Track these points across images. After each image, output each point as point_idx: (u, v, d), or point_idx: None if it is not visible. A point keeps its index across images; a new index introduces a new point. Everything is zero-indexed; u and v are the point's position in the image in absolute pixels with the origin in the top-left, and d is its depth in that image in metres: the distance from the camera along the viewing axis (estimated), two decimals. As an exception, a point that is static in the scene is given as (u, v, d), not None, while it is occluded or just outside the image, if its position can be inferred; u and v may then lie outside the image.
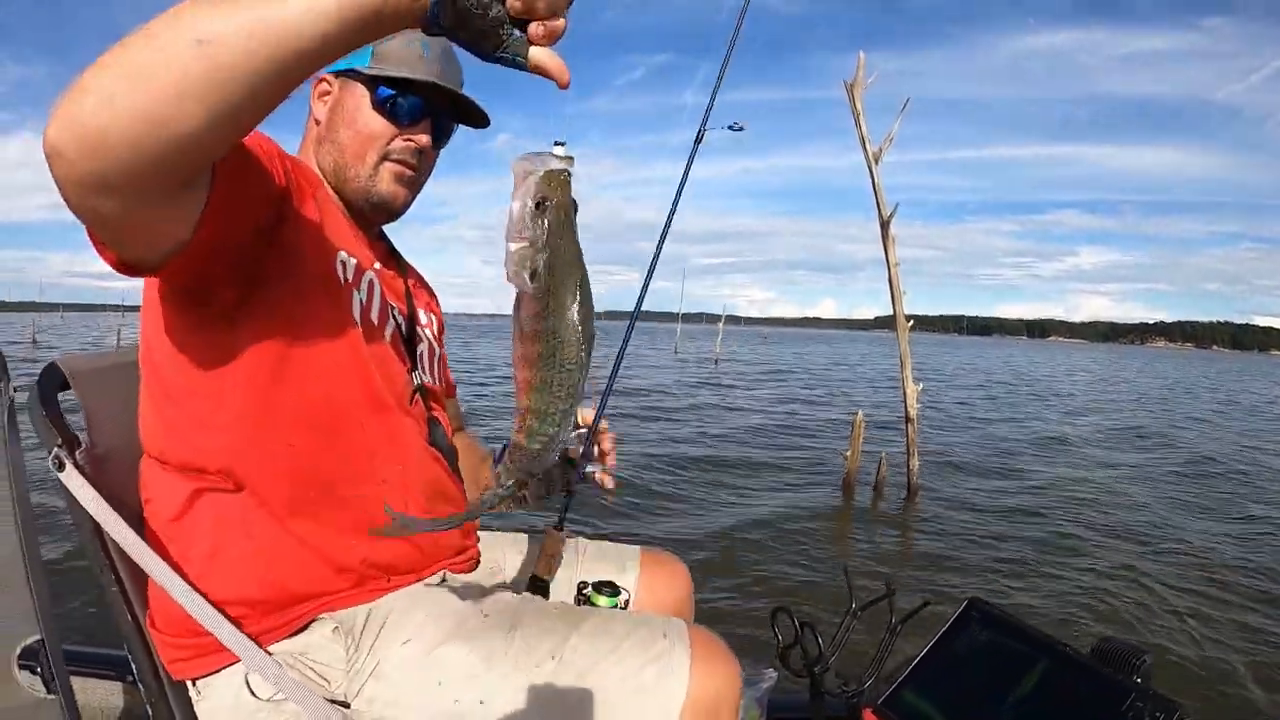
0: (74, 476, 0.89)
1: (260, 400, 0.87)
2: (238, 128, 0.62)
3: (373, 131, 1.02)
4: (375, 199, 1.04)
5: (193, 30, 0.55)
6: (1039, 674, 1.23)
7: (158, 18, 0.56)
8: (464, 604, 0.96)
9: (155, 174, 0.60)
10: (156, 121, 0.56)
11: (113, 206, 0.62)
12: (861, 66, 6.49)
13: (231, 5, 0.55)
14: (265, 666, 0.84)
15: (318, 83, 1.05)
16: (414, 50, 1.02)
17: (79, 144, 0.56)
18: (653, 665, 0.87)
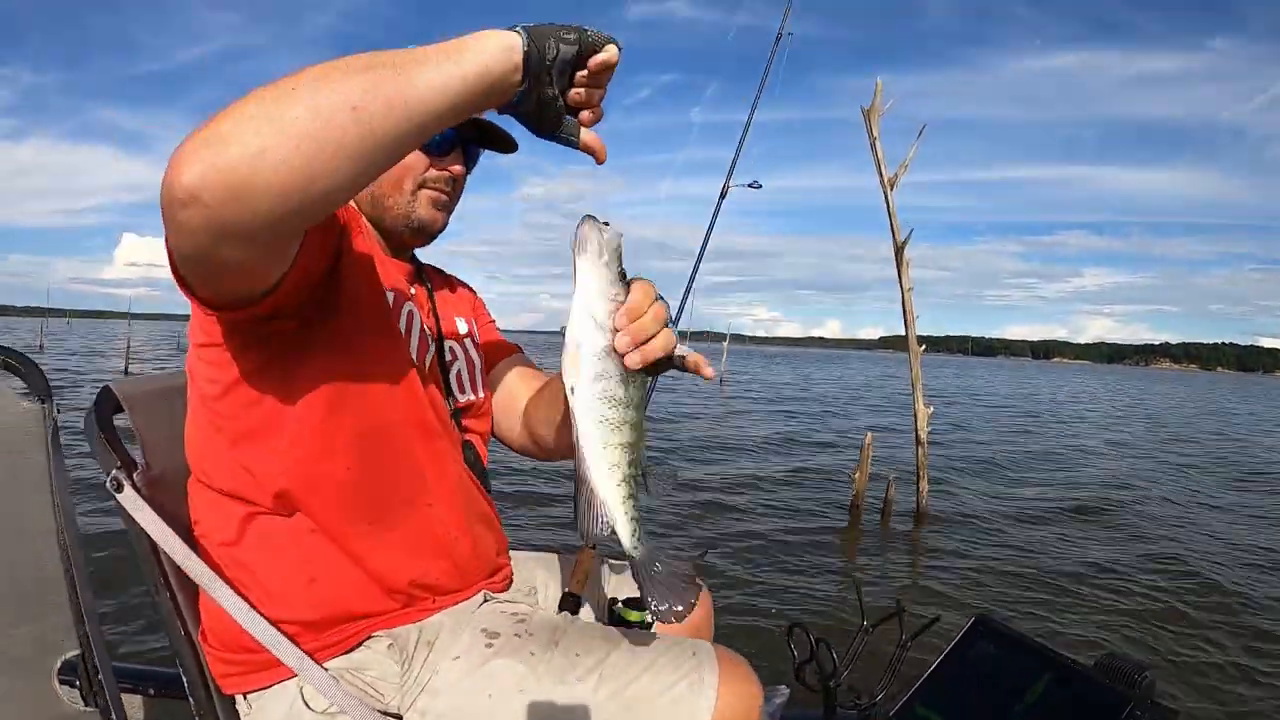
0: (132, 498, 0.93)
1: (316, 429, 0.90)
2: (372, 180, 0.69)
3: (409, 162, 1.03)
4: (415, 224, 1.07)
5: (347, 98, 0.61)
6: (1043, 687, 1.27)
7: (300, 79, 0.61)
8: (508, 621, 1.00)
9: (292, 223, 0.66)
10: (309, 177, 0.61)
11: (238, 254, 0.67)
12: (879, 93, 6.53)
13: (377, 75, 0.63)
14: (322, 681, 0.88)
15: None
16: None
17: (224, 191, 0.59)
18: (684, 682, 0.91)
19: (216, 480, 0.94)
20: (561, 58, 0.72)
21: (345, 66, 0.63)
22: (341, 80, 0.62)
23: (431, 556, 1.01)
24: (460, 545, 1.04)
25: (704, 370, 0.83)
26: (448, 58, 0.66)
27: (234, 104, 0.61)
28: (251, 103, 0.61)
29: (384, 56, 0.65)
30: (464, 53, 0.67)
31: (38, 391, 1.04)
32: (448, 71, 0.66)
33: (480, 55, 0.67)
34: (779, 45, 1.59)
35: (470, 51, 0.67)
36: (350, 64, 0.63)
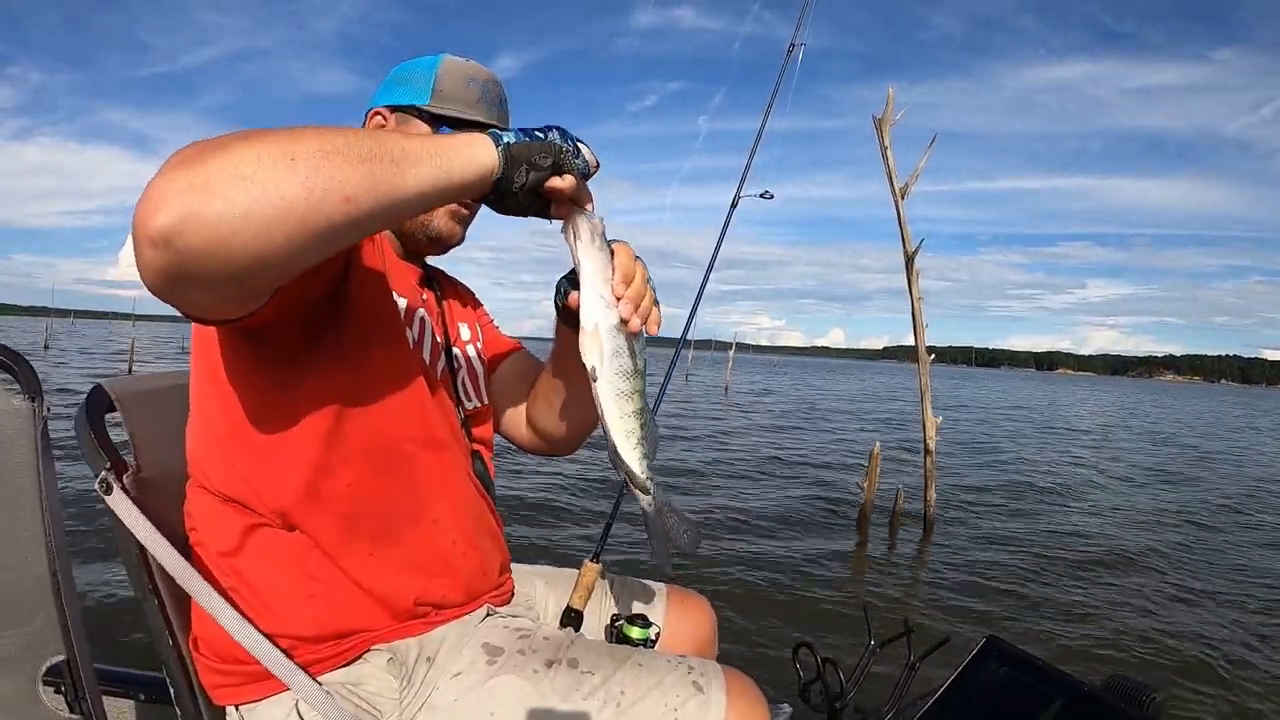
0: (121, 500, 0.90)
1: (318, 445, 0.88)
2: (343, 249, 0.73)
3: None
4: (432, 234, 1.06)
5: (344, 187, 0.62)
6: (1055, 712, 1.24)
7: (301, 147, 0.61)
8: (511, 637, 0.97)
9: (260, 281, 0.65)
10: (287, 249, 0.61)
11: (202, 297, 0.67)
12: (890, 102, 6.52)
13: (376, 169, 0.64)
14: (315, 697, 0.85)
15: (373, 114, 1.07)
16: (472, 92, 1.04)
17: (199, 243, 0.57)
18: (692, 701, 0.89)
19: (217, 485, 0.91)
20: (529, 183, 0.78)
21: (347, 150, 0.63)
22: (341, 166, 0.62)
23: (435, 574, 0.98)
24: (466, 561, 1.02)
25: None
26: (437, 164, 0.70)
27: (228, 146, 0.59)
28: (247, 158, 0.59)
29: (384, 146, 0.66)
30: (453, 162, 0.71)
31: (28, 389, 1.01)
32: (434, 178, 0.70)
33: (465, 170, 0.72)
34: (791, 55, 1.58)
35: (459, 162, 0.72)
36: (352, 148, 0.63)
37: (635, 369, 0.85)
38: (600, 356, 0.82)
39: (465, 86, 1.04)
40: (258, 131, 0.62)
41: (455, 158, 0.71)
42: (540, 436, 1.22)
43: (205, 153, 0.59)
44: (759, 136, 1.58)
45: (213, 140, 0.61)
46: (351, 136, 0.65)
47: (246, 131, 0.62)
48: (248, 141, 0.60)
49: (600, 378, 0.83)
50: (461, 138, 0.74)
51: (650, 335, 0.88)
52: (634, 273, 0.86)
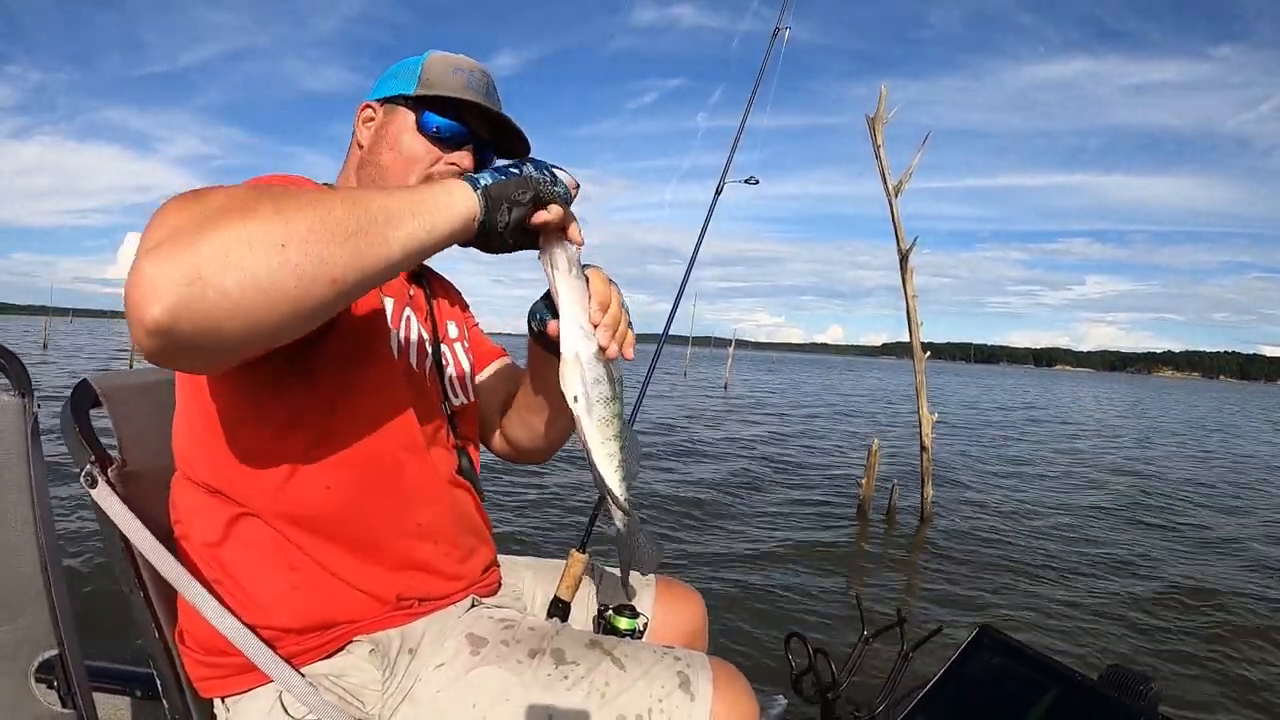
0: (106, 493, 0.90)
1: (300, 451, 0.88)
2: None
3: (415, 154, 1.03)
4: None
5: (331, 269, 0.64)
6: (1049, 701, 1.24)
7: (291, 231, 0.61)
8: (495, 628, 0.97)
9: (256, 348, 0.68)
10: (279, 326, 0.64)
11: (198, 363, 0.70)
12: (883, 100, 6.51)
13: (361, 243, 0.66)
14: (298, 688, 0.85)
15: (363, 108, 1.07)
16: (459, 79, 1.04)
17: (194, 329, 0.59)
18: (678, 693, 0.89)
19: (202, 477, 0.91)
20: (513, 222, 0.78)
21: (335, 228, 0.64)
22: (329, 247, 0.63)
23: (417, 571, 0.98)
24: (450, 560, 1.02)
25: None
26: (419, 223, 0.70)
27: (219, 226, 0.60)
28: (239, 245, 0.59)
29: (369, 213, 0.67)
30: (435, 218, 0.72)
31: (18, 385, 1.01)
32: (418, 238, 0.70)
33: (449, 221, 0.73)
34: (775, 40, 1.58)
35: (440, 216, 0.72)
36: (339, 224, 0.64)
37: (614, 394, 0.86)
38: (582, 386, 0.83)
39: (451, 74, 1.04)
40: (244, 202, 0.62)
41: (436, 212, 0.72)
42: (512, 446, 1.23)
43: (196, 234, 0.59)
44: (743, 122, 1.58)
45: (200, 210, 0.61)
46: (337, 209, 0.65)
47: (233, 198, 0.62)
48: (239, 223, 0.60)
49: (581, 406, 0.84)
50: (439, 186, 0.74)
51: (626, 360, 0.89)
52: (609, 299, 0.87)
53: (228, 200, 0.62)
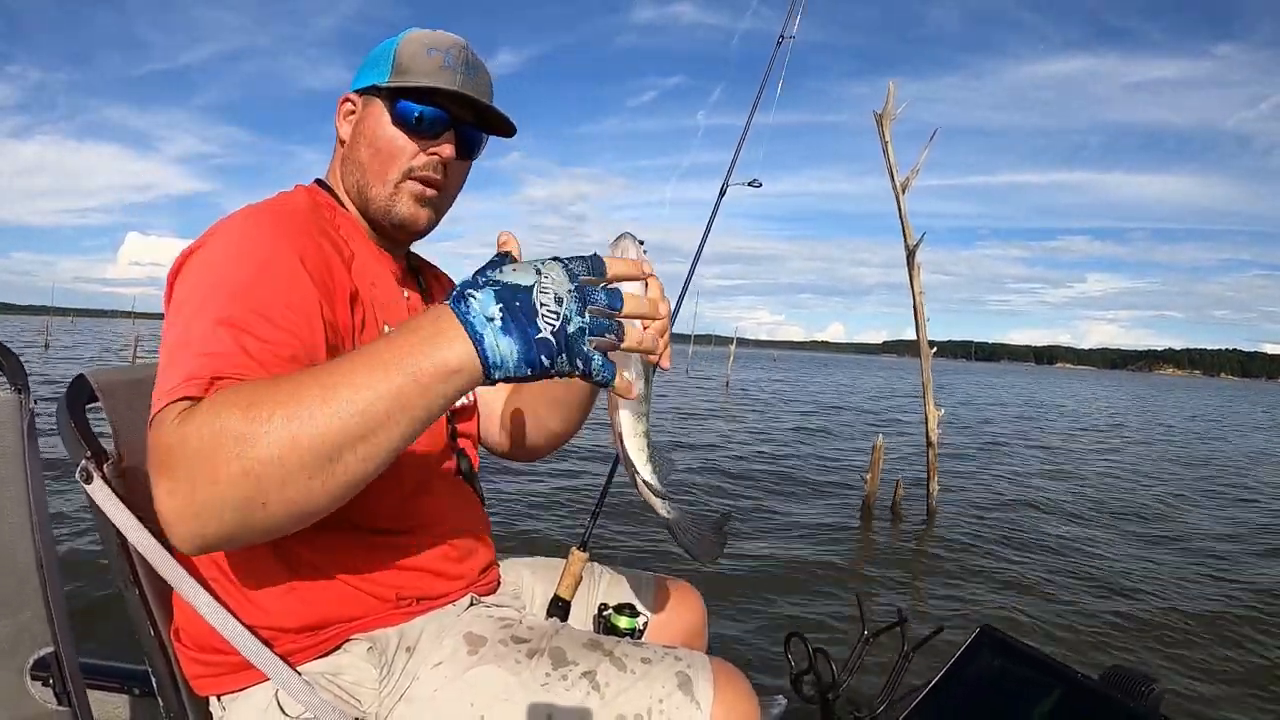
0: (101, 489, 0.89)
1: None
2: None
3: (394, 148, 0.98)
4: (395, 220, 1.01)
5: (354, 480, 0.65)
6: (1051, 702, 1.23)
7: (305, 454, 0.62)
8: (494, 627, 0.96)
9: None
10: (295, 521, 0.66)
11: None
12: (891, 97, 6.50)
13: (372, 445, 0.63)
14: (295, 686, 0.84)
15: (343, 102, 1.04)
16: (434, 59, 0.98)
17: (223, 542, 0.65)
18: (678, 693, 0.88)
19: None
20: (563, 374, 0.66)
21: (342, 434, 0.62)
22: (351, 466, 0.64)
23: (416, 571, 0.97)
24: (448, 558, 1.01)
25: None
26: (423, 405, 0.64)
27: (236, 450, 0.61)
28: (254, 474, 0.61)
29: (380, 409, 0.63)
30: (433, 402, 0.65)
31: (14, 381, 1.01)
32: (422, 416, 0.65)
33: (448, 393, 0.65)
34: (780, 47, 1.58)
35: (437, 399, 0.65)
36: (347, 430, 0.62)
37: (649, 394, 0.87)
38: (631, 378, 0.82)
39: (426, 56, 0.98)
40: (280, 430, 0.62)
41: (433, 392, 0.64)
42: (513, 443, 1.22)
43: (211, 452, 0.62)
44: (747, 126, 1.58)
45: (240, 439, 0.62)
46: (357, 415, 0.62)
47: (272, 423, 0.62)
48: (255, 447, 0.61)
49: (623, 403, 0.85)
50: (424, 350, 0.63)
51: (663, 370, 0.86)
52: (659, 302, 0.83)
53: (265, 422, 0.62)
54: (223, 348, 0.72)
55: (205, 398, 0.67)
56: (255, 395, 0.64)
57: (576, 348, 0.64)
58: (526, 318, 0.62)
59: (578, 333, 0.63)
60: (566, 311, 0.63)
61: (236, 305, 0.75)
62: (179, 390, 0.68)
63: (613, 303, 0.66)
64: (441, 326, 0.63)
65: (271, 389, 0.64)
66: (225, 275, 0.79)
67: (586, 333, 0.64)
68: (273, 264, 0.81)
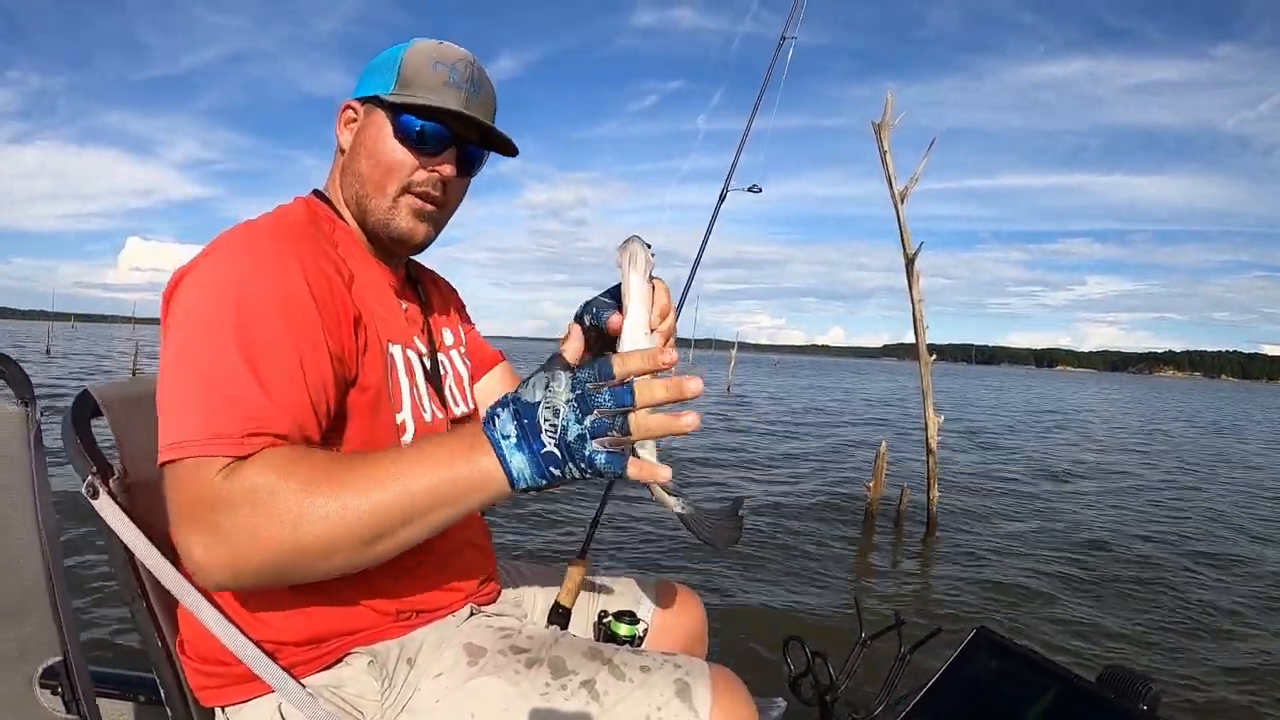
0: (108, 504, 0.91)
1: None
2: None
3: (394, 162, 0.98)
4: (394, 233, 1.01)
5: (387, 555, 0.74)
6: (1047, 703, 1.24)
7: (354, 531, 0.70)
8: (494, 637, 0.97)
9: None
10: (321, 579, 0.75)
11: None
12: (889, 106, 6.52)
13: (409, 532, 0.72)
14: (299, 699, 0.85)
15: (344, 109, 1.03)
16: (440, 74, 0.97)
17: (244, 586, 0.75)
18: (676, 700, 0.88)
19: None
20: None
21: (385, 523, 0.71)
22: (387, 546, 0.73)
23: (417, 585, 0.98)
24: (449, 572, 1.02)
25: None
26: (459, 503, 0.72)
27: (290, 528, 0.69)
28: (302, 549, 0.70)
29: (421, 503, 0.71)
30: (468, 496, 0.72)
31: (21, 394, 1.02)
32: (456, 513, 0.74)
33: (481, 504, 0.74)
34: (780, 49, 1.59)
35: (474, 499, 0.72)
36: (390, 519, 0.71)
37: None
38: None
39: (432, 70, 0.97)
40: (334, 516, 0.70)
41: (467, 497, 0.72)
42: None
43: (292, 550, 0.70)
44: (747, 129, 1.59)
45: (303, 532, 0.70)
46: (401, 508, 0.71)
47: (338, 507, 0.70)
48: (328, 544, 0.70)
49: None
50: (463, 459, 0.71)
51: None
52: (669, 310, 0.87)
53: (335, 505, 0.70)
54: (250, 395, 0.76)
55: (250, 459, 0.73)
56: (310, 474, 0.71)
57: (578, 453, 0.67)
58: (533, 434, 0.68)
59: (577, 440, 0.67)
60: (563, 422, 0.67)
61: (253, 344, 0.78)
62: (216, 446, 0.73)
63: (620, 400, 0.68)
64: (478, 442, 0.70)
65: (326, 471, 0.72)
66: (237, 308, 0.79)
67: (587, 437, 0.67)
68: (283, 296, 0.82)
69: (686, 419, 0.69)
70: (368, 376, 0.92)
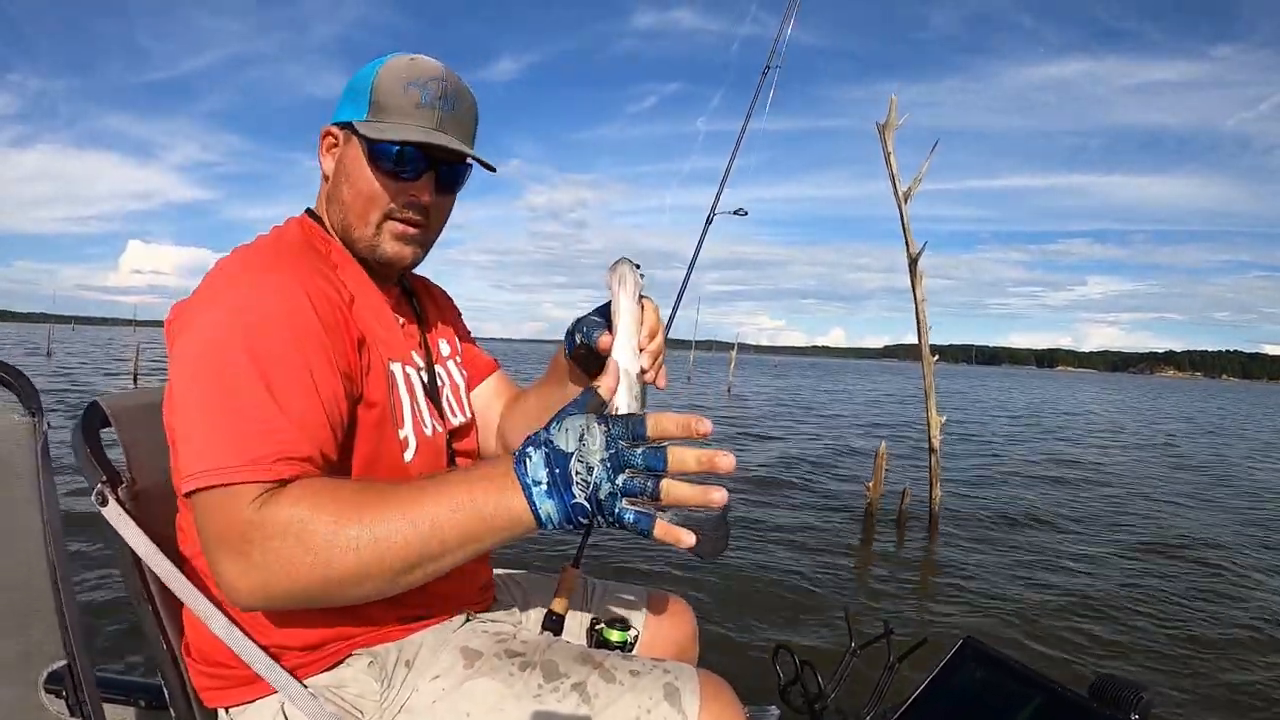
0: (116, 512, 0.93)
1: None
2: None
3: (373, 191, 0.97)
4: (381, 258, 1.02)
5: (409, 583, 0.77)
6: (1031, 712, 1.26)
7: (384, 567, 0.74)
8: (489, 641, 1.00)
9: None
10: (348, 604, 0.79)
11: None
12: (893, 108, 6.56)
13: (439, 565, 0.76)
14: (301, 699, 0.88)
15: (325, 135, 1.02)
16: (411, 96, 0.95)
17: (274, 608, 0.82)
18: (665, 704, 0.91)
19: None
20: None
21: (417, 556, 0.74)
22: (408, 579, 0.76)
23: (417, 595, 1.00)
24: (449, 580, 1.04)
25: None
26: (487, 538, 0.75)
27: (323, 559, 0.72)
28: (334, 580, 0.73)
29: (452, 539, 0.74)
30: (496, 533, 0.74)
31: (28, 404, 1.05)
32: (483, 547, 0.76)
33: (510, 537, 0.75)
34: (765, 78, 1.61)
35: (501, 535, 0.75)
36: (421, 553, 0.74)
37: (644, 406, 0.90)
38: (627, 396, 0.86)
39: (403, 92, 0.95)
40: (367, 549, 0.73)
41: (495, 534, 0.74)
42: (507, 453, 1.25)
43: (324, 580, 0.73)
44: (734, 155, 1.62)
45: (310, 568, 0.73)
46: (433, 542, 0.74)
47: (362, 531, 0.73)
48: (360, 575, 0.73)
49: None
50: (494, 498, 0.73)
51: (658, 389, 0.93)
52: (658, 329, 0.91)
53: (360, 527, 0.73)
54: (273, 420, 0.78)
55: (283, 491, 0.76)
56: (341, 507, 0.74)
57: (608, 509, 0.69)
58: (564, 483, 0.70)
59: (609, 498, 0.69)
60: (596, 480, 0.69)
61: (268, 369, 0.80)
62: (244, 472, 0.75)
63: (652, 464, 0.69)
64: (508, 482, 0.72)
65: (356, 504, 0.74)
66: (248, 335, 0.81)
67: (619, 496, 0.69)
68: (291, 321, 0.84)
69: (716, 495, 0.69)
70: (372, 394, 0.94)
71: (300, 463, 0.78)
